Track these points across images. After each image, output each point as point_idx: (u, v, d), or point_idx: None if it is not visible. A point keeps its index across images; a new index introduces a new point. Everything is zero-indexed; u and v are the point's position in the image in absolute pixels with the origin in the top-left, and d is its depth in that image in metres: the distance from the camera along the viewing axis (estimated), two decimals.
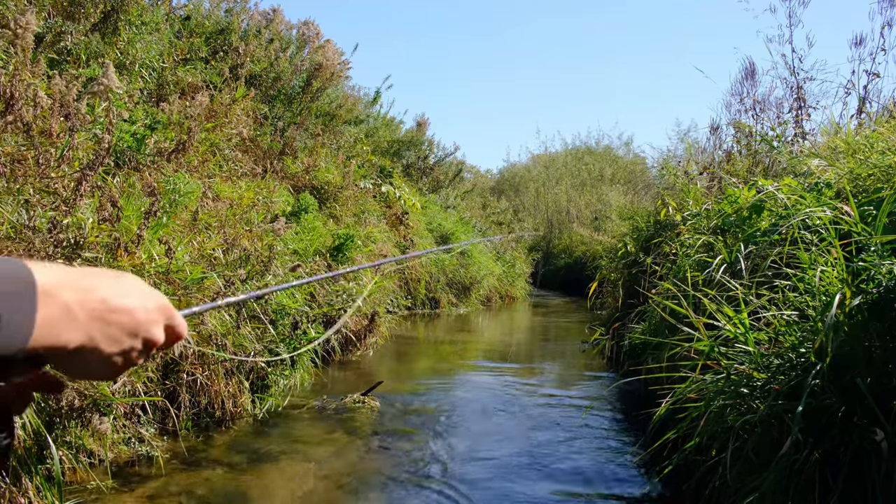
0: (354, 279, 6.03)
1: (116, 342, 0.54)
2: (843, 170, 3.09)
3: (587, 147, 27.37)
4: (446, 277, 11.16)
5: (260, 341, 4.07)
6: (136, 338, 0.56)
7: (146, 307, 0.57)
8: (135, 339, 0.55)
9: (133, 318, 0.55)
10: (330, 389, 4.63)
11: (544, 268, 19.53)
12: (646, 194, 14.53)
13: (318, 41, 8.66)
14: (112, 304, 0.53)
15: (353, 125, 10.08)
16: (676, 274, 3.87)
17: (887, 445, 1.71)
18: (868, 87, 4.99)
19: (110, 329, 0.53)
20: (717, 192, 5.11)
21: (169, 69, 5.81)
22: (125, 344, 0.55)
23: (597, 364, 6.22)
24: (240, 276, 4.03)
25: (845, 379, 1.88)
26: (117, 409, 2.94)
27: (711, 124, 6.59)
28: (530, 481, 3.06)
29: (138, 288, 0.57)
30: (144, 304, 0.56)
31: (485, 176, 26.07)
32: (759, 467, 2.02)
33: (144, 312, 0.56)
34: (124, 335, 0.54)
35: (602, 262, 7.92)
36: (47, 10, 4.87)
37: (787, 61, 5.54)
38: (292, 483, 2.94)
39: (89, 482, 2.66)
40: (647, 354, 3.88)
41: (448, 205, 14.20)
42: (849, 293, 1.95)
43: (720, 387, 2.30)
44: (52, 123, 3.16)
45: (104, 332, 0.52)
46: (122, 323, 0.54)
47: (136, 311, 0.55)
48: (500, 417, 4.22)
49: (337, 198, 7.62)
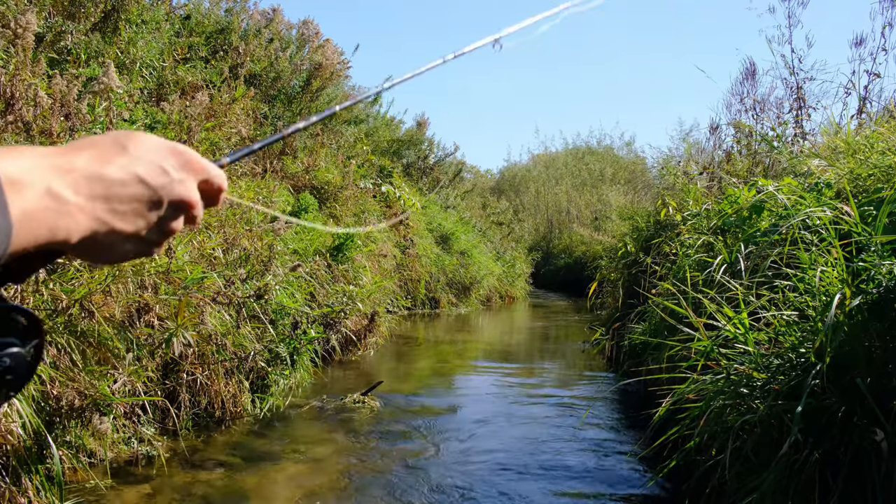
0: (354, 279, 6.03)
1: (137, 217, 0.46)
2: (843, 170, 3.09)
3: (588, 147, 27.39)
4: (446, 277, 11.16)
5: (260, 341, 4.07)
6: (161, 205, 0.47)
7: (162, 168, 0.47)
8: (160, 208, 0.47)
9: (148, 186, 0.46)
10: (330, 389, 4.63)
11: (544, 268, 19.54)
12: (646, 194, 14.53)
13: (318, 41, 8.66)
14: (114, 177, 0.45)
15: (352, 125, 10.08)
16: (676, 274, 3.87)
17: (887, 445, 1.71)
18: (868, 87, 4.99)
19: (122, 205, 0.45)
20: (717, 192, 5.12)
21: (169, 68, 5.81)
22: (150, 216, 0.47)
23: (597, 364, 6.22)
24: (240, 275, 4.03)
25: (845, 379, 1.88)
26: (117, 409, 2.94)
27: (711, 124, 6.60)
28: (530, 481, 3.05)
29: (148, 147, 0.47)
30: (159, 166, 0.47)
31: (485, 176, 26.07)
32: (759, 467, 2.02)
33: (160, 175, 0.47)
34: (144, 207, 0.46)
35: (602, 262, 7.92)
36: (48, 10, 4.87)
37: (786, 61, 5.54)
38: (292, 483, 2.94)
39: (89, 482, 2.66)
40: (646, 354, 3.88)
41: (448, 205, 14.20)
42: (849, 293, 1.95)
43: (720, 387, 2.30)
44: (53, 123, 3.16)
45: (115, 210, 0.45)
46: (135, 194, 0.46)
47: (147, 176, 0.46)
48: (499, 417, 4.22)
49: (337, 197, 7.62)
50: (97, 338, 2.92)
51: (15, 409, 2.35)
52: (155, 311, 3.30)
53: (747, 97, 6.18)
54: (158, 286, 3.41)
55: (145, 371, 3.14)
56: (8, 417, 2.32)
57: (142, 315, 3.27)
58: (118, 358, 2.99)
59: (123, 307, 3.17)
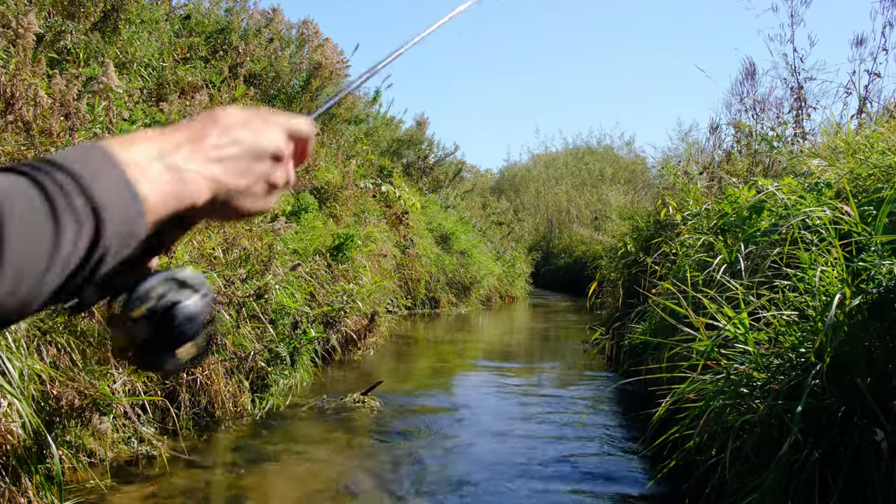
0: (354, 279, 6.03)
1: (244, 174, 0.53)
2: (843, 170, 3.09)
3: (588, 147, 27.38)
4: (446, 277, 11.16)
5: (260, 341, 4.07)
6: (260, 158, 0.54)
7: (251, 128, 0.55)
8: (261, 160, 0.54)
9: (243, 144, 0.53)
10: (330, 389, 4.63)
11: (544, 268, 19.54)
12: (646, 194, 14.53)
13: (318, 40, 8.66)
14: (216, 143, 0.52)
15: (352, 124, 10.08)
16: (676, 274, 3.87)
17: (887, 445, 1.71)
18: (869, 86, 4.99)
19: (230, 165, 0.52)
20: (717, 192, 5.12)
21: (169, 68, 5.81)
22: (254, 169, 0.54)
23: (597, 364, 6.23)
24: (240, 275, 4.03)
25: (845, 379, 1.88)
26: (117, 409, 2.94)
27: (711, 124, 6.60)
28: (530, 481, 3.05)
29: (235, 116, 0.55)
30: (248, 127, 0.54)
31: (485, 176, 26.06)
32: (759, 467, 2.02)
33: (251, 134, 0.54)
34: (246, 164, 0.53)
35: (602, 262, 7.92)
36: (47, 10, 4.87)
37: (787, 61, 5.54)
38: (292, 483, 2.94)
39: (89, 481, 2.66)
40: (647, 354, 3.88)
41: (448, 204, 14.19)
42: (849, 293, 1.95)
43: (720, 387, 2.30)
44: (53, 123, 3.16)
45: (226, 170, 0.51)
46: (236, 154, 0.53)
47: (242, 137, 0.53)
48: (499, 417, 4.22)
49: (337, 197, 7.62)
50: (97, 337, 2.92)
51: (15, 409, 2.35)
52: None
53: (747, 97, 6.18)
54: None
55: (145, 371, 3.14)
56: (8, 417, 2.33)
57: None
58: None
59: None
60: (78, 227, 0.41)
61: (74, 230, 0.41)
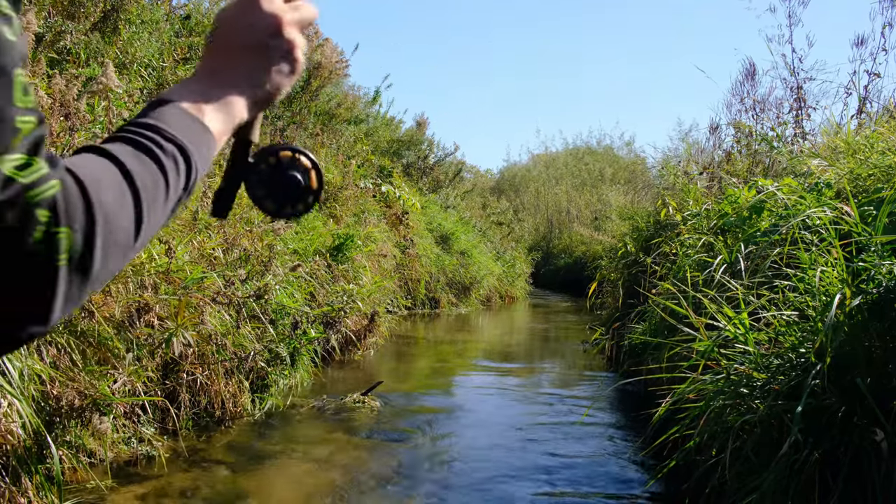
0: (354, 279, 6.03)
1: (266, 71, 0.63)
2: (844, 170, 3.09)
3: (588, 147, 27.38)
4: (446, 277, 11.16)
5: (260, 341, 4.07)
6: (272, 41, 0.63)
7: (250, 21, 0.64)
8: (273, 43, 0.64)
9: (261, 26, 0.63)
10: (330, 389, 4.63)
11: (544, 268, 19.54)
12: (646, 194, 14.53)
13: (317, 40, 8.66)
14: (233, 71, 0.62)
15: (352, 124, 10.08)
16: (676, 274, 3.87)
17: (887, 445, 1.71)
18: (868, 87, 4.99)
19: (253, 75, 0.63)
20: (717, 192, 5.12)
21: (169, 68, 5.81)
22: (271, 55, 0.64)
23: (597, 364, 6.23)
24: (240, 275, 4.03)
25: (845, 379, 1.88)
26: (117, 409, 2.94)
27: (711, 124, 6.60)
28: (530, 481, 3.05)
29: (235, 18, 0.65)
30: (247, 20, 0.64)
31: (485, 176, 26.05)
32: (759, 467, 2.02)
33: (250, 30, 0.63)
34: (263, 58, 0.63)
35: (602, 262, 7.92)
36: (47, 10, 4.87)
37: (787, 61, 5.54)
38: (292, 483, 2.94)
39: (89, 482, 2.65)
40: (647, 354, 3.88)
41: (448, 205, 14.19)
42: (849, 293, 1.95)
43: (720, 387, 2.30)
44: (53, 123, 3.16)
45: (253, 81, 0.63)
46: (251, 66, 0.63)
47: (258, 21, 0.63)
48: (499, 417, 4.22)
49: (337, 197, 7.62)
50: (97, 338, 2.92)
51: (15, 409, 2.35)
52: (155, 311, 3.30)
53: (747, 97, 6.18)
54: (158, 286, 3.41)
55: (145, 371, 3.14)
56: (8, 417, 2.33)
57: (142, 315, 3.27)
58: (118, 358, 2.99)
59: (123, 307, 3.17)
60: (175, 168, 0.54)
61: (174, 172, 0.54)
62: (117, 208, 0.47)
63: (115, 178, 0.48)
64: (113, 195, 0.47)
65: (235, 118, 0.62)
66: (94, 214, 0.44)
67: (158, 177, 0.52)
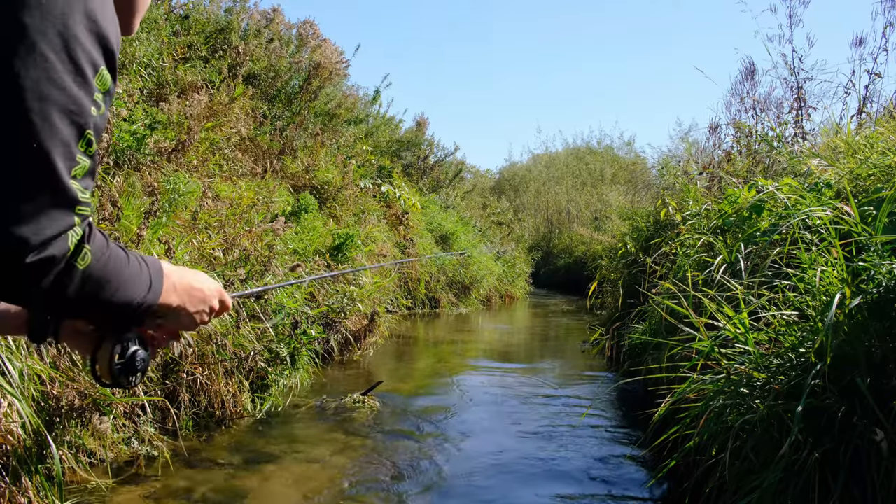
0: (355, 280, 6.03)
1: (196, 305, 0.98)
2: (844, 170, 3.09)
3: (588, 147, 27.36)
4: (446, 277, 11.16)
5: (260, 341, 4.07)
6: (205, 304, 1.00)
7: (210, 288, 1.01)
8: (205, 305, 1.00)
9: (203, 293, 0.99)
10: (330, 389, 4.63)
11: (544, 268, 19.54)
12: (646, 194, 14.53)
13: (317, 40, 8.66)
14: (194, 285, 0.97)
15: (352, 124, 10.08)
16: (676, 274, 3.87)
17: (887, 445, 1.71)
18: (869, 87, 4.99)
19: (192, 298, 0.97)
20: (717, 192, 5.12)
21: (168, 68, 5.81)
22: (200, 307, 0.99)
23: (597, 364, 6.23)
24: (239, 275, 4.03)
25: (845, 379, 1.88)
26: (117, 409, 2.94)
27: (711, 124, 6.59)
28: (530, 481, 3.06)
29: (206, 278, 1.01)
30: (209, 287, 1.01)
31: (485, 176, 26.05)
32: (759, 467, 2.02)
33: (209, 291, 1.01)
34: (199, 302, 0.98)
35: (602, 262, 7.92)
36: None
37: (787, 61, 5.54)
38: (292, 483, 2.94)
39: (89, 482, 2.66)
40: (647, 354, 3.88)
41: (448, 205, 14.19)
42: (849, 293, 1.95)
43: (720, 387, 2.30)
44: None
45: (189, 299, 0.96)
46: (198, 295, 0.98)
47: (204, 289, 0.99)
48: (499, 417, 4.22)
49: (337, 197, 7.62)
50: None
51: (15, 409, 2.35)
52: None
53: (747, 97, 6.18)
54: None
55: None
56: (8, 417, 2.32)
57: None
58: None
59: None
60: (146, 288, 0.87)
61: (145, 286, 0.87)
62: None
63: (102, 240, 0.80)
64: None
65: (171, 297, 0.93)
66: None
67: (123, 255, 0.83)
